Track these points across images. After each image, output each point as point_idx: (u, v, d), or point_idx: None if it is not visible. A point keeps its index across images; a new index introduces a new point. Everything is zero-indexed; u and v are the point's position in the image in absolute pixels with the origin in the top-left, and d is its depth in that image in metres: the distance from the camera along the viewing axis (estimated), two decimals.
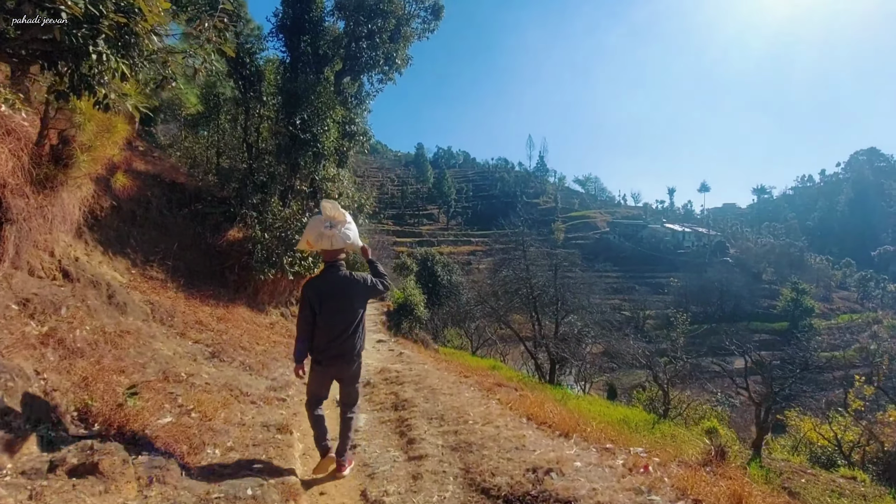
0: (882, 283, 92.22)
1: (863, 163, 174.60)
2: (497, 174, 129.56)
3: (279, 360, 8.13)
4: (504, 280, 21.94)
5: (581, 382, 27.05)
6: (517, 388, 6.92)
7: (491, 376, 7.50)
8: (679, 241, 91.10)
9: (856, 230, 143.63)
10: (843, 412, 17.00)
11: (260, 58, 11.69)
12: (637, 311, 58.23)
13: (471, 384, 6.59)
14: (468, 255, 79.44)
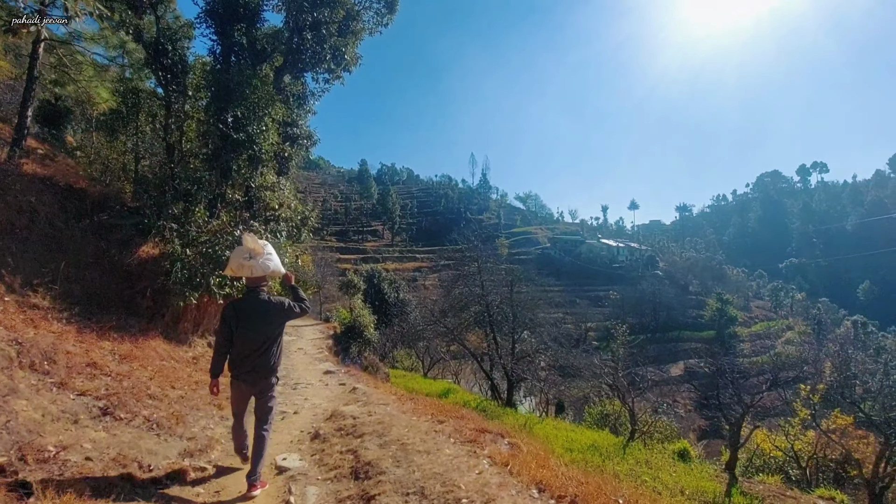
0: (790, 293, 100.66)
1: (768, 184, 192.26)
2: (441, 191, 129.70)
3: (201, 408, 6.41)
4: (459, 297, 20.78)
5: (530, 398, 26.31)
6: (502, 432, 5.68)
7: (469, 419, 6.20)
8: (614, 256, 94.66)
9: (765, 244, 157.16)
10: (791, 421, 17.19)
11: (185, 46, 9.93)
12: (579, 324, 59.12)
13: (448, 433, 5.27)
14: (414, 272, 77.99)
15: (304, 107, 12.04)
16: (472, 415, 7.06)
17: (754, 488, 10.26)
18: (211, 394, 4.40)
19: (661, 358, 56.83)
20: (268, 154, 9.73)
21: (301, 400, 7.59)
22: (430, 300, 29.92)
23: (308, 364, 10.85)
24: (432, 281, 72.59)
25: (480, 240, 23.91)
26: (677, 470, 10.68)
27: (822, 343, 60.93)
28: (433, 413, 6.39)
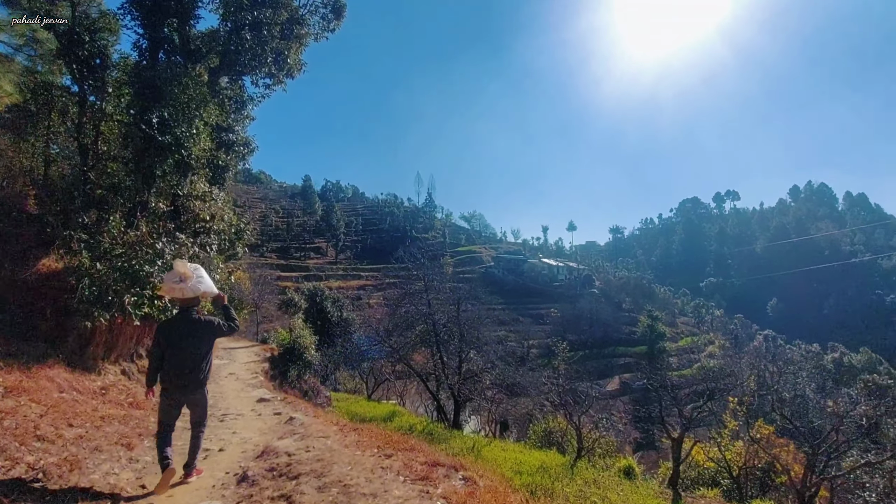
0: (710, 310, 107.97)
1: (689, 209, 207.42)
2: (387, 209, 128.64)
3: (105, 448, 5.39)
4: (405, 316, 20.09)
5: (475, 417, 25.89)
6: (455, 465, 5.15)
7: (419, 450, 5.61)
8: (554, 275, 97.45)
9: (687, 265, 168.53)
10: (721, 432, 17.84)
11: (106, 38, 8.85)
12: (522, 341, 59.79)
13: (397, 469, 4.68)
14: (358, 290, 76.01)
15: (243, 112, 11.14)
16: (422, 445, 6.45)
17: (697, 503, 10.34)
18: (146, 398, 4.87)
19: (598, 373, 58.47)
20: (199, 160, 8.79)
21: (229, 434, 6.66)
22: (375, 319, 28.93)
23: (240, 391, 9.79)
24: (377, 300, 71.02)
25: (427, 258, 23.48)
26: (624, 489, 10.56)
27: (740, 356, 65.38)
28: (380, 445, 5.74)
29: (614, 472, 11.98)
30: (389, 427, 13.09)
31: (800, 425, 13.63)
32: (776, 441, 18.50)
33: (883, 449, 13.43)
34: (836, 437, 12.50)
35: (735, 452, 16.81)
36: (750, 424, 17.50)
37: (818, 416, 14.75)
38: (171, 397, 4.59)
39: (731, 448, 17.00)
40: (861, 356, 69.40)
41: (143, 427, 6.49)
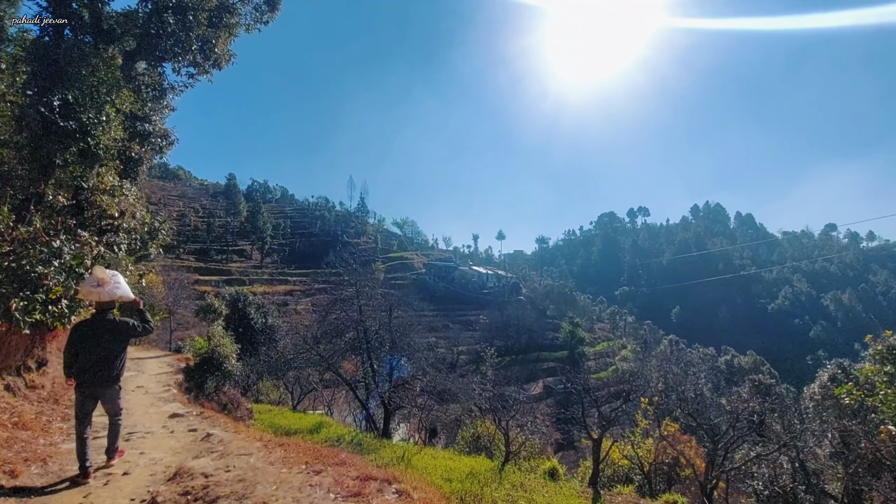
0: (624, 316, 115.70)
1: (606, 223, 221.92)
2: (317, 212, 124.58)
3: None
4: (334, 322, 19.38)
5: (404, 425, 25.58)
6: (388, 478, 4.94)
7: (350, 464, 5.34)
8: (484, 282, 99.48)
9: (605, 274, 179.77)
10: (633, 431, 19.03)
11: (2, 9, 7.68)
12: (452, 347, 60.25)
13: (328, 486, 4.38)
14: (285, 296, 72.68)
15: (162, 101, 10.14)
16: (354, 458, 6.16)
17: (614, 500, 10.86)
18: (67, 384, 5.30)
19: (524, 378, 60.29)
20: (108, 151, 7.86)
21: (135, 455, 5.94)
22: (302, 326, 27.64)
23: (149, 406, 8.83)
24: (305, 306, 68.29)
25: (358, 264, 22.95)
26: (549, 490, 10.84)
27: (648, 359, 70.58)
28: (308, 461, 5.39)
29: (540, 474, 12.27)
30: (317, 439, 12.48)
31: (701, 422, 14.83)
32: (681, 437, 20.08)
33: (768, 442, 14.97)
34: (732, 433, 13.73)
35: (646, 450, 17.99)
36: (659, 423, 18.81)
37: (716, 414, 16.17)
38: (85, 391, 4.92)
39: (643, 445, 18.18)
40: (748, 358, 77.60)
41: (30, 451, 5.59)
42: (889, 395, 8.66)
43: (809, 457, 14.73)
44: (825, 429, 14.32)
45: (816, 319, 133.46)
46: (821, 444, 14.74)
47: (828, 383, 22.08)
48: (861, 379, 10.59)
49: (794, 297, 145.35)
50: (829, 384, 21.96)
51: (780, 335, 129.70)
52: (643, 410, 19.08)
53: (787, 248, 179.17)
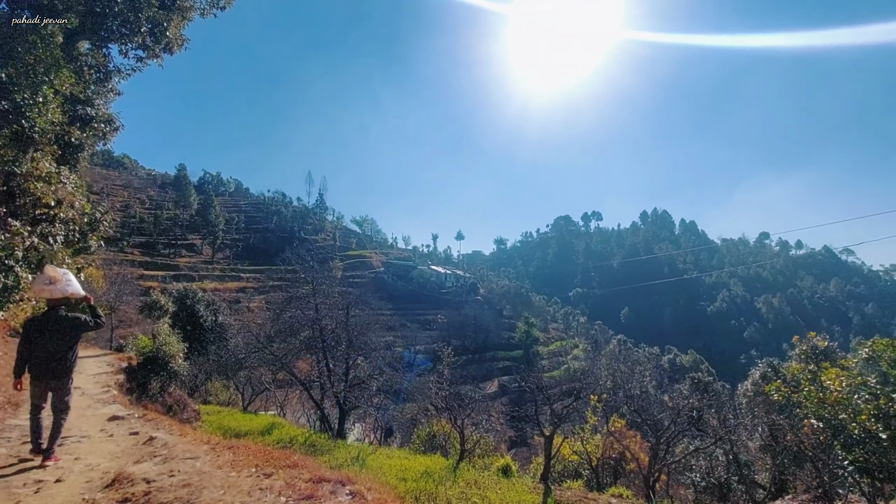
0: (577, 317, 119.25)
1: (562, 226, 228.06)
2: (273, 207, 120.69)
3: None
4: (289, 321, 18.83)
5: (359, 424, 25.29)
6: (342, 479, 4.84)
7: (303, 466, 5.20)
8: (442, 282, 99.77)
9: (559, 276, 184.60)
10: (583, 427, 19.64)
11: None
12: (409, 346, 60.06)
13: (279, 489, 4.24)
14: (237, 293, 70.03)
15: (107, 84, 9.44)
16: (306, 460, 6.00)
17: (564, 495, 11.15)
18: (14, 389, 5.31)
19: (480, 376, 60.96)
20: (45, 134, 7.27)
21: (70, 460, 5.53)
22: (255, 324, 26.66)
23: (86, 409, 8.25)
24: (258, 303, 66.06)
25: (316, 261, 22.41)
26: (502, 487, 11.00)
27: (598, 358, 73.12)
28: (258, 464, 5.19)
29: (493, 471, 12.43)
30: (268, 441, 12.11)
31: (646, 418, 15.49)
32: (627, 433, 20.92)
33: (705, 436, 15.84)
34: (673, 428, 14.43)
35: (594, 445, 18.61)
36: (607, 419, 19.50)
37: (659, 410, 16.95)
38: (39, 383, 5.22)
39: (592, 441, 18.80)
40: (689, 357, 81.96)
41: None
42: (812, 392, 9.32)
43: (742, 449, 15.69)
44: (756, 423, 15.29)
45: (750, 321, 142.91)
46: (752, 438, 15.73)
47: (759, 381, 23.64)
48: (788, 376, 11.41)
49: (730, 300, 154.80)
50: (760, 381, 23.52)
51: (717, 335, 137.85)
52: (593, 407, 19.72)
53: (725, 254, 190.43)
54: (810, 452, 9.91)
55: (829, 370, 9.66)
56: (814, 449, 9.82)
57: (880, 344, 9.36)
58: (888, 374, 8.81)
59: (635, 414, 16.22)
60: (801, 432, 10.47)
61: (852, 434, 8.49)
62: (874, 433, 8.13)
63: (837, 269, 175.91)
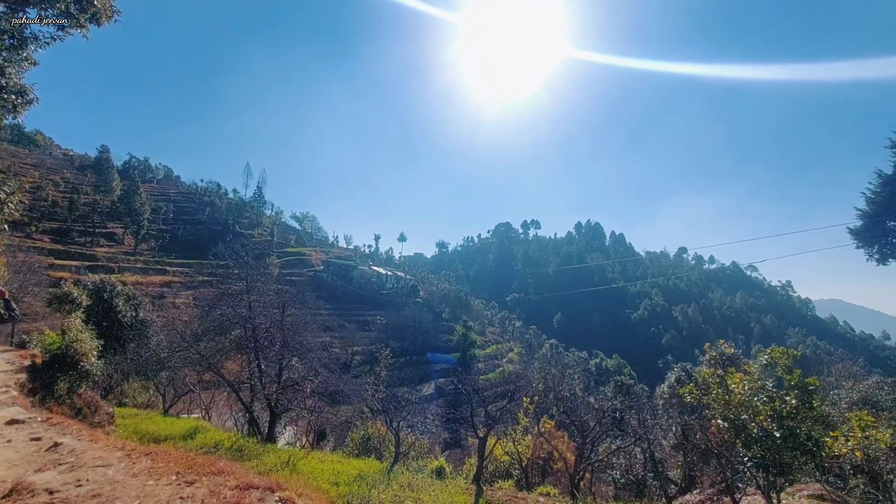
0: (513, 321, 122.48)
1: (502, 232, 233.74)
2: (207, 198, 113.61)
3: None
4: (220, 319, 17.77)
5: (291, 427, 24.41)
6: (272, 486, 4.63)
7: (229, 472, 4.92)
8: (383, 283, 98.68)
9: (498, 280, 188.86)
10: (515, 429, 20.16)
11: None
12: (347, 347, 58.82)
13: (201, 498, 3.96)
14: (162, 287, 65.17)
15: (21, 52, 8.38)
16: (233, 466, 5.69)
17: (495, 495, 11.39)
18: None
19: (417, 378, 60.84)
20: None
21: None
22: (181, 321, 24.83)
23: None
24: (186, 299, 61.88)
25: (251, 257, 21.37)
26: (435, 489, 11.04)
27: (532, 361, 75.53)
28: (179, 471, 4.85)
29: (427, 473, 12.45)
30: (191, 446, 11.36)
31: (573, 419, 16.20)
32: (556, 434, 21.72)
33: (626, 436, 16.81)
34: (598, 429, 15.19)
35: (525, 446, 19.16)
36: (538, 420, 20.15)
37: (585, 411, 17.80)
38: None
39: (523, 442, 19.34)
40: (613, 361, 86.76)
41: None
42: (719, 395, 10.18)
43: (658, 448, 16.80)
44: (671, 423, 16.45)
45: (668, 328, 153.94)
46: (667, 437, 16.90)
47: (674, 384, 25.45)
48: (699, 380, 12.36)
49: (651, 308, 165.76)
50: (675, 384, 25.32)
51: (639, 341, 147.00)
52: (525, 409, 20.31)
53: (648, 265, 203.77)
54: (716, 450, 10.79)
55: (733, 375, 10.60)
56: (719, 447, 10.72)
57: (777, 352, 10.41)
58: (783, 379, 9.80)
59: (564, 415, 16.93)
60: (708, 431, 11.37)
61: (752, 433, 9.35)
62: (770, 432, 9.01)
63: (743, 284, 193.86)
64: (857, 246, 23.58)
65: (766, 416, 9.24)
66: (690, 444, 13.59)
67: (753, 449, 9.26)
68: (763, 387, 9.81)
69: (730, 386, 10.20)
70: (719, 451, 10.61)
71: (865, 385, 25.89)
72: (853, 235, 23.57)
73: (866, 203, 23.17)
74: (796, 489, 12.94)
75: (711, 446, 10.92)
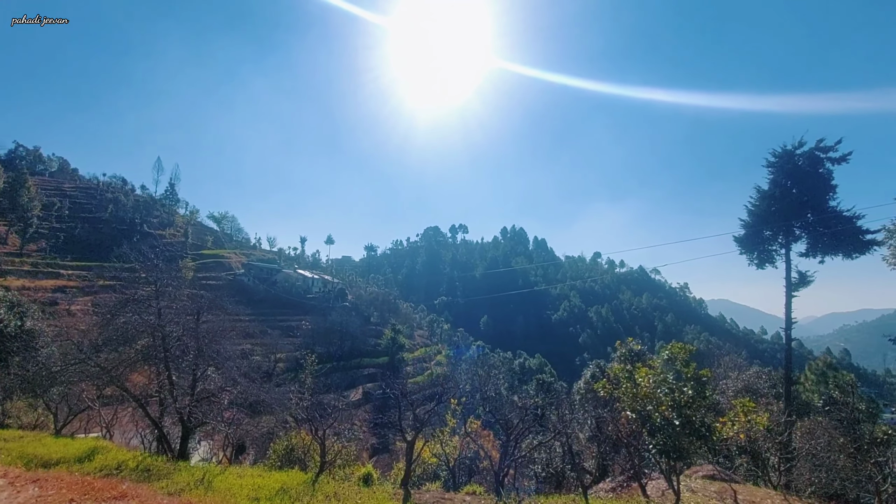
0: (441, 324, 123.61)
1: (431, 236, 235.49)
2: (110, 194, 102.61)
3: None
4: (124, 327, 16.06)
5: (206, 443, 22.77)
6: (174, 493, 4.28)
7: (133, 496, 4.50)
8: (309, 287, 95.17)
9: (427, 284, 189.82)
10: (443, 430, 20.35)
11: None
12: (269, 354, 55.90)
13: None
14: (54, 293, 57.77)
15: None
16: (139, 488, 5.19)
17: (422, 497, 11.37)
18: None
19: (344, 384, 59.28)
20: None
21: None
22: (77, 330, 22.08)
23: None
24: (83, 306, 55.32)
25: (162, 259, 19.62)
26: (363, 496, 10.80)
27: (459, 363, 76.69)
28: (74, 497, 4.32)
29: (354, 480, 12.17)
30: (88, 469, 10.14)
31: (498, 418, 16.66)
32: (482, 433, 22.25)
33: (547, 431, 17.62)
34: (521, 426, 15.74)
35: (453, 447, 19.39)
36: (465, 421, 20.48)
37: (510, 410, 18.39)
38: None
39: (450, 443, 19.56)
40: (536, 360, 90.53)
41: None
42: (628, 388, 11.01)
43: (575, 441, 17.79)
44: (586, 417, 17.48)
45: (585, 328, 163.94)
46: (583, 430, 17.94)
47: (590, 379, 27.07)
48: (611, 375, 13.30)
49: (570, 309, 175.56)
50: (590, 380, 26.94)
51: (559, 340, 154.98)
52: (452, 410, 20.56)
53: (568, 269, 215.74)
54: (625, 440, 11.61)
55: (640, 369, 11.51)
56: (628, 437, 11.55)
57: (676, 347, 11.47)
58: (681, 372, 10.81)
59: (490, 414, 17.37)
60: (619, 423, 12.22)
61: (656, 422, 10.19)
62: (671, 420, 9.90)
63: (648, 286, 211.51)
64: (741, 252, 26.64)
65: (667, 406, 10.13)
66: (604, 435, 14.54)
67: (657, 437, 10.09)
68: (665, 379, 10.75)
69: (637, 380, 11.08)
70: (628, 440, 11.43)
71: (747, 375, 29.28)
72: (737, 243, 26.61)
73: (748, 214, 26.28)
74: (693, 471, 14.32)
75: (622, 437, 11.76)
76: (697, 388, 10.11)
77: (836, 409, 20.44)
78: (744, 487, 12.88)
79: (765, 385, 26.55)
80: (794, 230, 24.90)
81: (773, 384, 26.70)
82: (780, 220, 24.66)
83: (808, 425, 18.14)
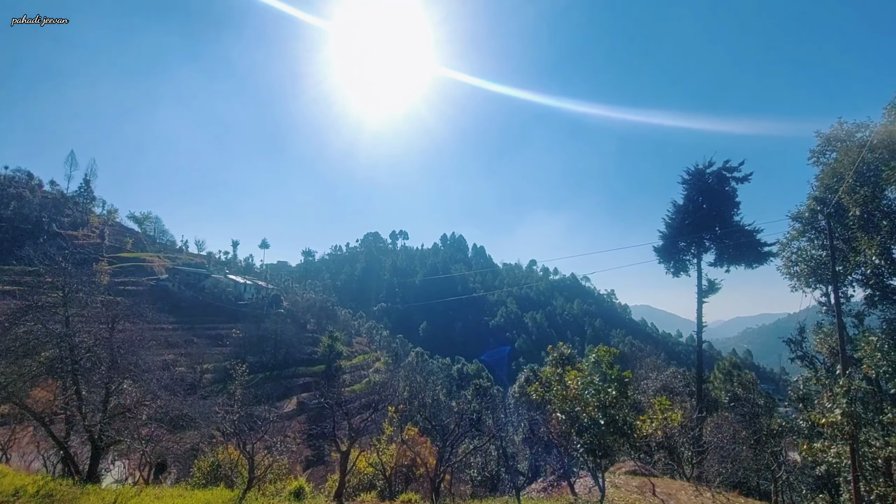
0: (380, 331, 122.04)
1: (371, 242, 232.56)
2: (13, 190, 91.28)
3: None
4: (25, 337, 14.33)
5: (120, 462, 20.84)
6: None
7: None
8: (241, 293, 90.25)
9: (366, 290, 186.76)
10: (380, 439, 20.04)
11: None
12: (195, 365, 52.19)
13: None
14: None
15: None
16: None
17: None
18: None
19: (277, 395, 56.64)
20: None
21: None
22: None
23: None
24: None
25: (73, 262, 17.81)
26: None
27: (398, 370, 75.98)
28: None
29: (285, 496, 11.67)
30: None
31: (435, 424, 16.72)
32: (419, 440, 22.13)
33: (483, 435, 17.92)
34: (457, 430, 15.90)
35: (389, 455, 19.13)
36: (402, 428, 20.32)
37: (447, 415, 18.51)
38: None
39: (387, 451, 19.28)
40: (473, 366, 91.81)
41: None
42: (558, 391, 11.50)
43: (510, 444, 18.24)
44: (520, 420, 18.00)
45: (520, 333, 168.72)
46: (517, 433, 18.44)
47: (524, 383, 27.90)
48: (543, 379, 13.83)
49: (507, 315, 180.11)
50: (524, 384, 27.78)
51: (497, 345, 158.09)
52: (390, 418, 20.32)
53: (505, 276, 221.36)
54: (556, 441, 12.08)
55: (570, 372, 12.08)
56: (558, 438, 12.03)
57: (601, 350, 12.17)
58: (606, 374, 11.47)
59: (427, 421, 17.39)
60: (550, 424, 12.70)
61: (583, 422, 10.71)
62: (596, 420, 10.45)
63: (579, 292, 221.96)
64: (659, 261, 28.80)
65: (593, 406, 10.70)
66: (536, 437, 15.04)
67: (584, 436, 10.60)
68: (592, 381, 11.35)
69: (567, 382, 11.60)
70: (559, 441, 11.91)
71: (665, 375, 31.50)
72: (656, 252, 28.78)
73: (665, 227, 28.53)
74: (616, 467, 15.17)
75: (553, 437, 12.24)
76: (620, 388, 10.79)
77: (740, 405, 22.60)
78: (661, 481, 13.85)
79: (680, 384, 28.77)
80: (704, 242, 27.35)
81: (686, 383, 29.01)
82: (693, 232, 26.99)
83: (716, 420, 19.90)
